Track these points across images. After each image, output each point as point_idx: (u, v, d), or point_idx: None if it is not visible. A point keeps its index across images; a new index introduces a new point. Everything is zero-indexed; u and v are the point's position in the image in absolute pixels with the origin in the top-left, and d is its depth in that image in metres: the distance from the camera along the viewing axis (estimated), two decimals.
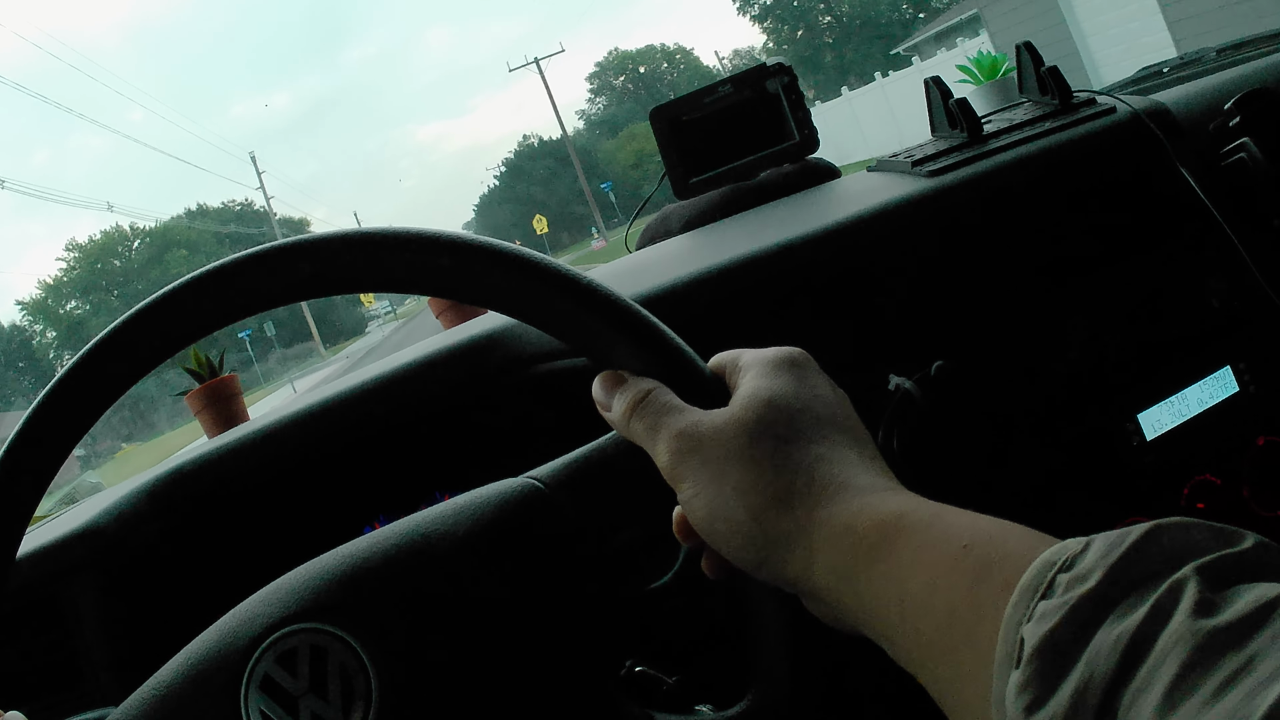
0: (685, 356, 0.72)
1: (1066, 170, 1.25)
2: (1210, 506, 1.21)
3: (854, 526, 0.59)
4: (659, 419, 0.68)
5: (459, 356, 1.14)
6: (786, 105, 1.64)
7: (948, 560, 0.54)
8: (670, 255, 1.34)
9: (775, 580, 0.64)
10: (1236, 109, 1.33)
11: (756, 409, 0.65)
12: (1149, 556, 0.46)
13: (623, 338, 0.72)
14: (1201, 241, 1.26)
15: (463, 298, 0.74)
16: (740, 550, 0.64)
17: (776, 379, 0.68)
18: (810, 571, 0.60)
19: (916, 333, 1.15)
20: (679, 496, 0.66)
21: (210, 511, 1.15)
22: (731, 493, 0.63)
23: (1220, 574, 0.44)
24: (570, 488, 0.73)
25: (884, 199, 1.21)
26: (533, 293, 0.72)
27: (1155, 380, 1.21)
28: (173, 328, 0.73)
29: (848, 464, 0.64)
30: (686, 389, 0.71)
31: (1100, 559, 0.46)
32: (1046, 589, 0.47)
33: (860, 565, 0.58)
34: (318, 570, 0.71)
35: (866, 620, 0.58)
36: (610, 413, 0.72)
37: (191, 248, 73.31)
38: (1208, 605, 0.42)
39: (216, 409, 1.91)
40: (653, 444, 0.68)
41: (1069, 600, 0.46)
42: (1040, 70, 1.43)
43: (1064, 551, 0.49)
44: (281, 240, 0.73)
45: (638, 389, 0.70)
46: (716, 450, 0.64)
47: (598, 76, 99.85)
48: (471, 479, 1.16)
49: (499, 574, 0.70)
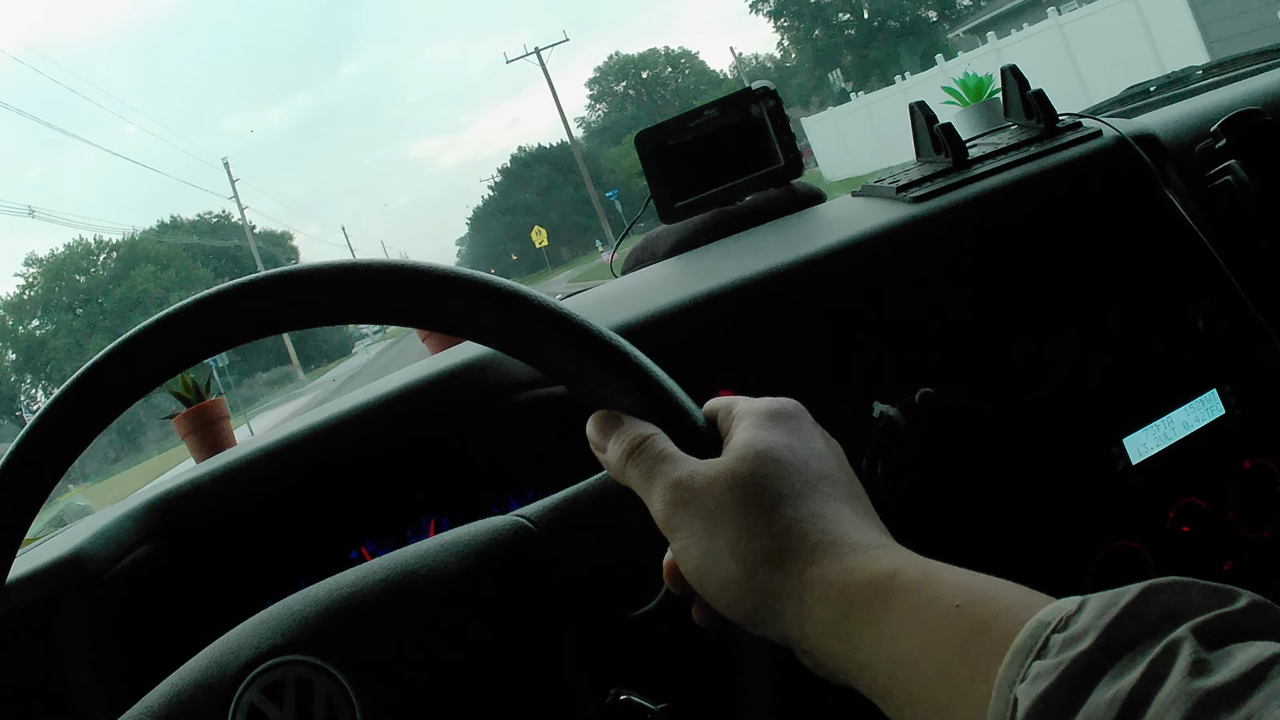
0: (680, 403, 0.72)
1: (1052, 195, 1.25)
2: (1196, 530, 1.21)
3: (846, 585, 0.59)
4: (655, 466, 0.68)
5: (444, 383, 1.14)
6: (772, 129, 1.64)
7: (940, 619, 0.54)
8: (655, 281, 1.34)
9: (766, 634, 0.64)
10: (1223, 131, 1.33)
11: (750, 462, 0.65)
12: (1144, 617, 0.46)
13: (618, 380, 0.72)
14: (1188, 264, 1.25)
15: (459, 335, 0.74)
16: (731, 605, 0.64)
17: (771, 431, 0.68)
18: (801, 627, 0.60)
19: (901, 360, 1.14)
20: (672, 546, 0.66)
21: (197, 536, 1.15)
22: (724, 547, 0.63)
23: (1215, 634, 0.44)
24: (559, 528, 0.74)
25: (868, 225, 1.21)
26: (528, 333, 0.72)
27: (1141, 404, 1.20)
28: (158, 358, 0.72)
29: (841, 520, 0.64)
30: (680, 436, 0.70)
31: (1095, 619, 0.47)
32: (1041, 649, 0.47)
33: (852, 623, 0.58)
34: (306, 602, 0.71)
35: (858, 676, 0.58)
36: (605, 454, 0.72)
37: (161, 262, 69.11)
38: (1203, 666, 0.42)
39: (203, 433, 1.91)
40: (648, 492, 0.68)
41: (1064, 660, 0.46)
42: (1026, 93, 1.42)
43: (1058, 611, 0.49)
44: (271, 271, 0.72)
45: (634, 434, 0.70)
46: (710, 503, 0.64)
47: (598, 82, 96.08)
48: (456, 505, 1.17)
49: (485, 612, 0.70)
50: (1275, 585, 1.24)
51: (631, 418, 0.72)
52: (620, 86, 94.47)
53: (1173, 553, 1.20)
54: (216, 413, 1.94)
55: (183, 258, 70.54)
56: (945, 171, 1.31)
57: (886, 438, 1.09)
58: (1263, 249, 1.28)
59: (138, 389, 0.74)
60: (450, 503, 1.18)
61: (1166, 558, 1.19)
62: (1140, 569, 1.18)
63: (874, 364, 1.14)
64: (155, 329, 0.72)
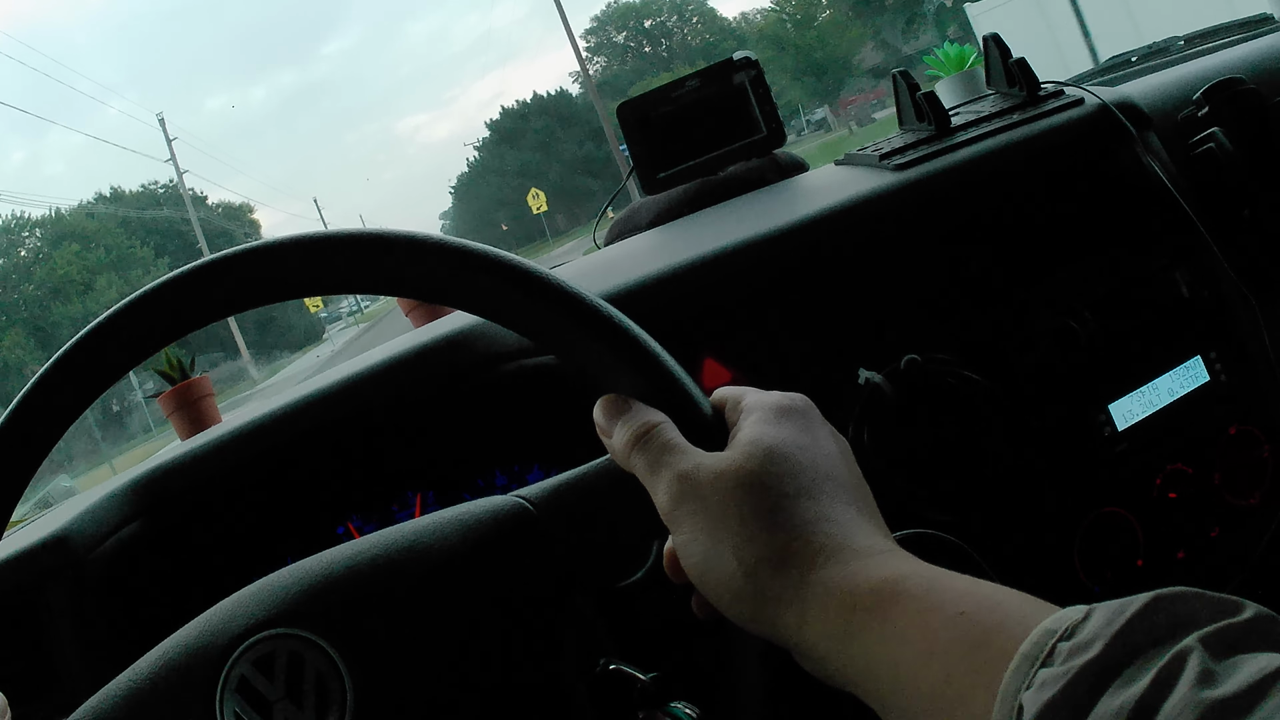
0: (689, 392, 0.72)
1: (1034, 162, 1.25)
2: (1183, 495, 1.22)
3: (850, 591, 0.58)
4: (660, 456, 0.67)
5: (430, 355, 1.14)
6: (754, 99, 1.63)
7: (944, 626, 0.53)
8: (638, 251, 1.33)
9: (765, 635, 0.63)
10: (1205, 99, 1.33)
11: (758, 458, 0.64)
12: (1151, 626, 0.46)
13: (627, 366, 0.71)
14: (1170, 232, 1.25)
15: (465, 308, 0.74)
16: (731, 604, 0.63)
17: (780, 427, 0.67)
18: (802, 631, 0.60)
19: (886, 327, 1.14)
20: (673, 538, 0.66)
21: (184, 514, 1.15)
22: (727, 547, 0.62)
23: (1222, 645, 0.44)
24: (558, 510, 0.73)
25: (851, 193, 1.21)
26: (537, 311, 0.71)
27: (1126, 371, 1.21)
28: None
29: (846, 523, 0.63)
30: (687, 425, 0.70)
31: (1102, 628, 0.46)
32: (1047, 657, 0.47)
33: (854, 629, 0.57)
34: (300, 575, 0.70)
35: (858, 681, 0.57)
36: (611, 439, 0.71)
37: (88, 240, 55.94)
38: (1210, 676, 0.42)
39: (188, 411, 1.90)
40: (653, 482, 0.67)
41: (1070, 669, 0.45)
42: (1008, 62, 1.42)
43: (1064, 620, 0.49)
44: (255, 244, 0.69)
45: (641, 422, 0.69)
46: (715, 499, 0.64)
47: (595, 32, 79.61)
48: (443, 479, 1.17)
49: (480, 590, 0.70)
50: (1259, 551, 1.25)
51: (639, 403, 0.71)
52: (620, 37, 79.95)
53: (1160, 519, 1.20)
54: (201, 390, 1.93)
55: (116, 234, 58.54)
56: (928, 139, 1.31)
57: (872, 405, 1.09)
58: (1245, 216, 1.29)
59: (113, 374, 0.73)
60: (436, 477, 1.18)
61: (1153, 524, 1.20)
62: (1128, 535, 1.18)
63: (859, 331, 1.14)
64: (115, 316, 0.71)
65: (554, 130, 73.63)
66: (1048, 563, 1.16)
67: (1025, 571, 1.14)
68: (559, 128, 73.54)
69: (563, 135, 73.22)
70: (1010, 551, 1.13)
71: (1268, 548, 1.25)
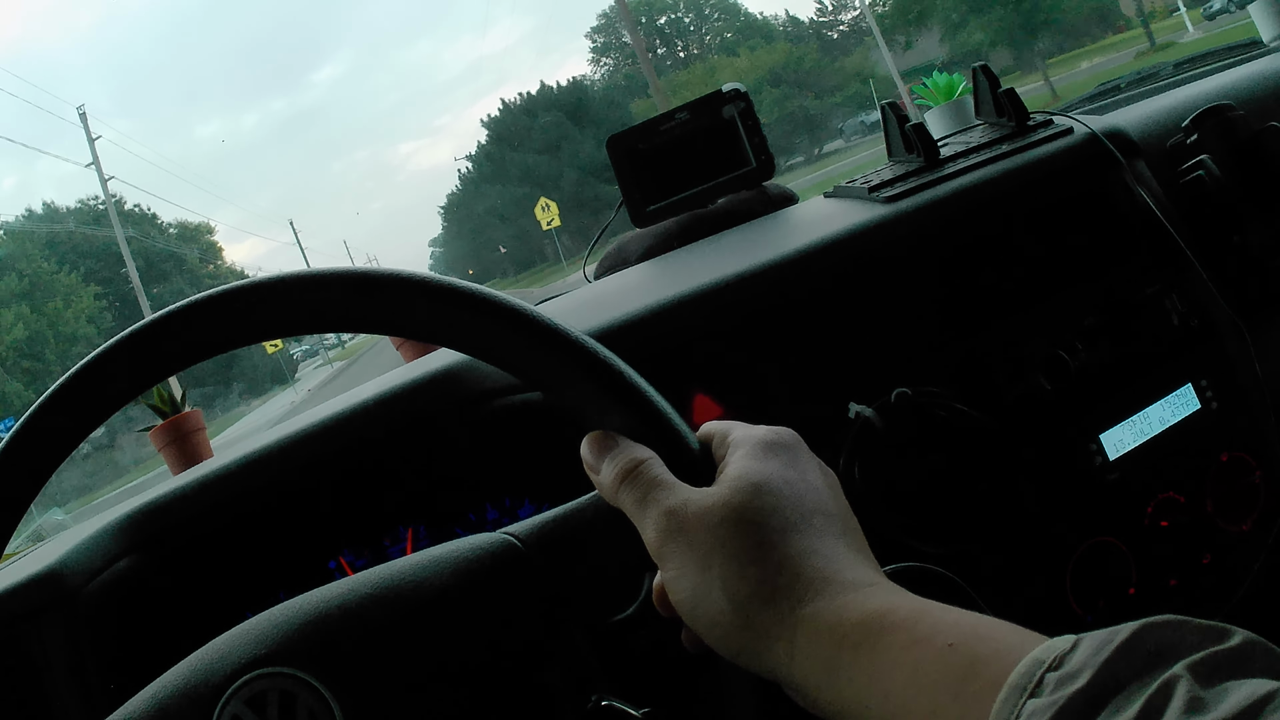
0: (675, 428, 0.72)
1: (1024, 193, 1.25)
2: (1174, 523, 1.21)
3: (838, 624, 0.58)
4: (648, 493, 0.67)
5: (418, 391, 1.14)
6: (743, 131, 1.64)
7: (933, 658, 0.53)
8: (628, 286, 1.33)
9: (754, 669, 0.63)
10: (1194, 126, 1.33)
11: (745, 493, 0.65)
12: (1139, 655, 0.46)
13: (612, 402, 0.71)
14: (1160, 260, 1.26)
15: (449, 345, 0.74)
16: (721, 638, 0.63)
17: (767, 462, 0.67)
18: (791, 665, 0.60)
19: (876, 360, 1.14)
20: (662, 574, 0.66)
21: (176, 549, 1.14)
22: (716, 582, 0.63)
23: (1210, 672, 0.44)
24: (547, 546, 0.73)
25: (841, 226, 1.21)
26: (521, 348, 0.72)
27: (1117, 400, 1.21)
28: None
29: (834, 557, 0.63)
30: (675, 461, 0.70)
31: (1090, 657, 0.47)
32: (1035, 688, 0.47)
33: (843, 662, 0.57)
34: (291, 614, 0.70)
35: (848, 714, 0.58)
36: (599, 476, 0.72)
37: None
38: (1199, 703, 0.42)
39: (180, 445, 1.91)
40: (641, 518, 0.67)
41: (1059, 699, 0.45)
42: (997, 92, 1.42)
43: (1052, 650, 0.49)
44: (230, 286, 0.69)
45: (628, 458, 0.70)
46: (703, 534, 0.64)
47: (603, 30, 67.66)
48: (434, 514, 1.17)
49: (471, 628, 0.70)
50: (1252, 577, 1.24)
51: (626, 440, 0.71)
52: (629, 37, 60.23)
53: (1152, 548, 1.20)
54: (192, 424, 1.94)
55: (35, 257, 48.32)
56: (917, 171, 1.32)
57: (862, 438, 1.09)
58: (1235, 242, 1.29)
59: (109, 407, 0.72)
60: (427, 512, 1.18)
61: (1145, 553, 1.19)
62: (1120, 564, 1.18)
63: (849, 365, 1.14)
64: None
65: (566, 129, 60.84)
66: (1040, 593, 1.16)
67: (1018, 602, 1.14)
68: (571, 125, 60.74)
69: (578, 135, 60.19)
70: (1003, 583, 1.13)
71: (1260, 574, 1.25)
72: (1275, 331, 1.29)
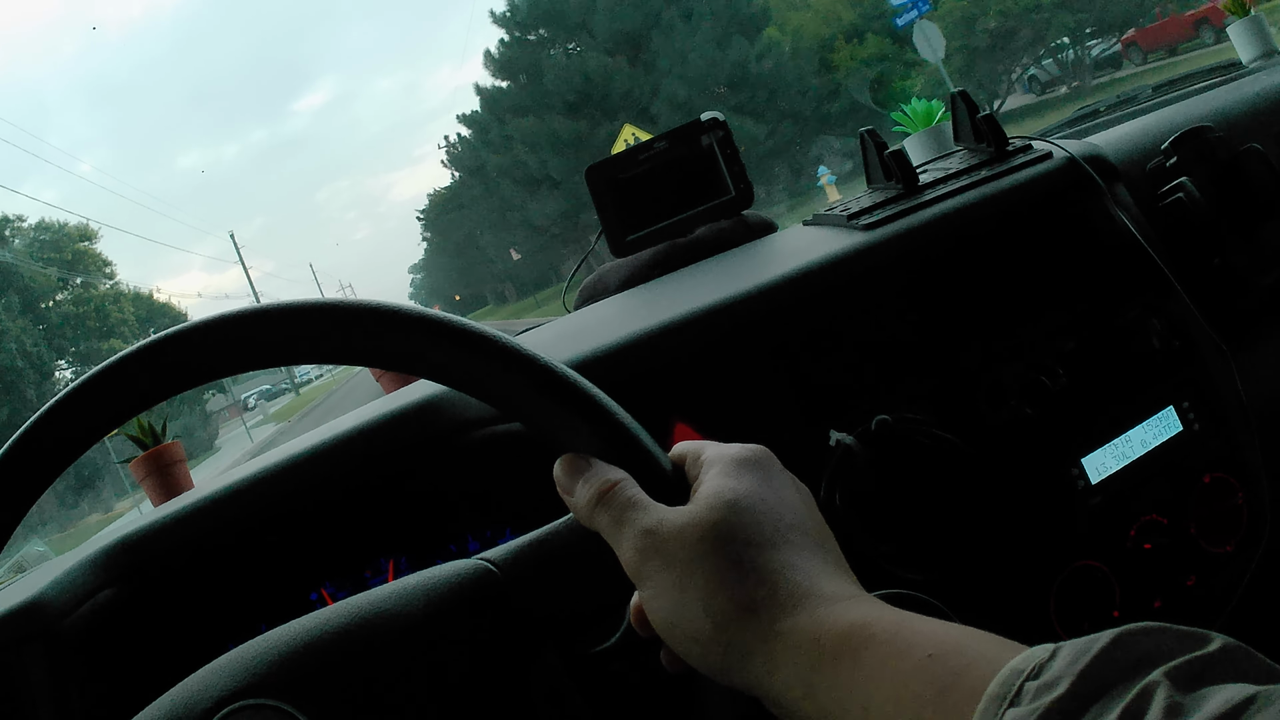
0: (647, 448, 0.72)
1: (1003, 218, 1.26)
2: (1158, 546, 1.21)
3: (817, 637, 0.58)
4: (623, 514, 0.67)
5: (399, 423, 1.14)
6: (722, 160, 1.64)
7: (913, 670, 0.53)
8: (608, 316, 1.33)
9: (734, 685, 0.63)
10: (1173, 149, 1.34)
11: (720, 510, 0.65)
12: (1117, 662, 0.46)
13: (584, 424, 0.71)
14: (1141, 283, 1.26)
15: (420, 375, 0.74)
16: (701, 656, 0.63)
17: (741, 479, 0.67)
18: (771, 679, 0.60)
19: (856, 388, 1.14)
20: (640, 594, 0.66)
21: (157, 580, 1.14)
22: (694, 601, 0.63)
23: (1189, 677, 0.44)
24: (523, 571, 0.73)
25: (821, 253, 1.21)
26: (492, 376, 0.72)
27: (1099, 424, 1.21)
28: None
29: (811, 571, 0.63)
30: (649, 481, 0.70)
31: (1068, 666, 0.47)
32: (1014, 697, 0.47)
33: (823, 675, 0.57)
34: (270, 644, 0.70)
35: None
36: (572, 498, 0.71)
37: None
38: (1178, 709, 0.42)
39: (161, 476, 1.90)
40: (617, 539, 0.67)
41: (1038, 708, 0.45)
42: (975, 117, 1.43)
43: (1031, 659, 0.49)
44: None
45: (602, 479, 0.70)
46: (680, 554, 0.64)
47: None
48: (415, 545, 1.16)
49: (449, 655, 0.70)
50: (1236, 598, 1.24)
51: (599, 461, 0.71)
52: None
53: (1135, 571, 1.20)
54: (173, 455, 1.93)
55: None
56: (896, 198, 1.32)
57: (843, 466, 1.08)
58: (1215, 264, 1.29)
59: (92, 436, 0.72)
60: (409, 543, 1.17)
61: (1129, 576, 1.19)
62: (1103, 588, 1.18)
63: (829, 393, 1.14)
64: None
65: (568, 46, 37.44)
66: (1024, 618, 1.16)
67: (1001, 627, 1.13)
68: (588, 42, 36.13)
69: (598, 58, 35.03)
70: (986, 608, 1.13)
71: (1244, 595, 1.25)
72: (1257, 352, 1.29)
